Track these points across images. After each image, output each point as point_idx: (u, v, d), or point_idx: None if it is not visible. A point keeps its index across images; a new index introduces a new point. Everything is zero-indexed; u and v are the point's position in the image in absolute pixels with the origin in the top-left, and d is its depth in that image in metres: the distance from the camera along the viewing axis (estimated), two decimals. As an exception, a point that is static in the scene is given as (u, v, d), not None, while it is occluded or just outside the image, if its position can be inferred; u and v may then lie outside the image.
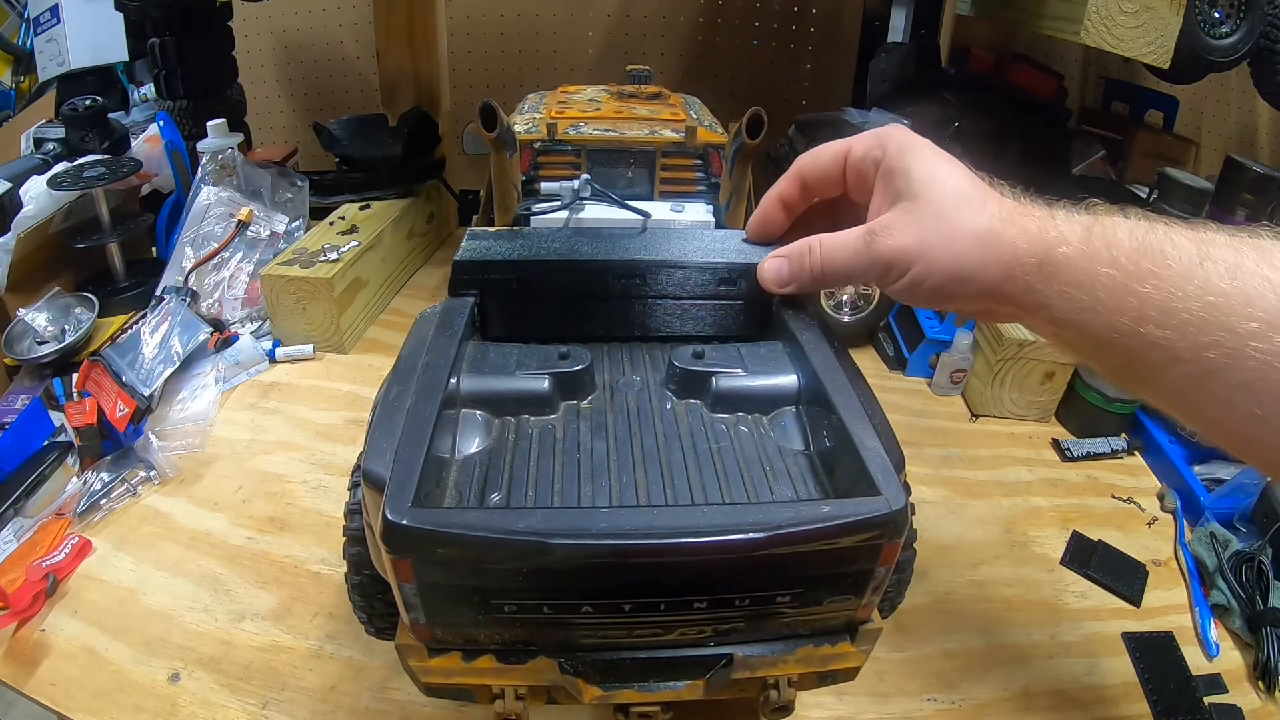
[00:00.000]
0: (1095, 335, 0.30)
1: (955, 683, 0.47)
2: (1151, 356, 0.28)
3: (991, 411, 0.72)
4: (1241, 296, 0.26)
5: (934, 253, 0.34)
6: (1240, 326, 0.26)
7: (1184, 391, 0.28)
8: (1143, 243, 0.29)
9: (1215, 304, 0.26)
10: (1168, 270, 0.28)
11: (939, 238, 0.34)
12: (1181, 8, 0.66)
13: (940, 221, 0.34)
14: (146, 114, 1.00)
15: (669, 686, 0.33)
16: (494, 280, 0.42)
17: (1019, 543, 0.58)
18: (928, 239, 0.34)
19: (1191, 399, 0.28)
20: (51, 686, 0.44)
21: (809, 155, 0.40)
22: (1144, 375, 0.30)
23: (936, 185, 0.34)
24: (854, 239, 0.36)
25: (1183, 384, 0.28)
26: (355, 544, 0.38)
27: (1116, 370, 0.32)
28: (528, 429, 0.36)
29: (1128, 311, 0.28)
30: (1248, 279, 0.26)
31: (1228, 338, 0.26)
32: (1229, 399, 0.27)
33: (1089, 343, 0.31)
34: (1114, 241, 0.30)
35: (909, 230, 0.34)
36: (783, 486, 0.34)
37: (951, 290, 0.34)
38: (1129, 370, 0.30)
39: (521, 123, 0.59)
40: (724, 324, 0.44)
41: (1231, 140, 1.18)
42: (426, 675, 0.32)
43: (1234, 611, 0.52)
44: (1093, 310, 0.30)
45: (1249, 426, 0.26)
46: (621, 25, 1.17)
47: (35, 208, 0.72)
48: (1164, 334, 0.28)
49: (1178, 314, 0.27)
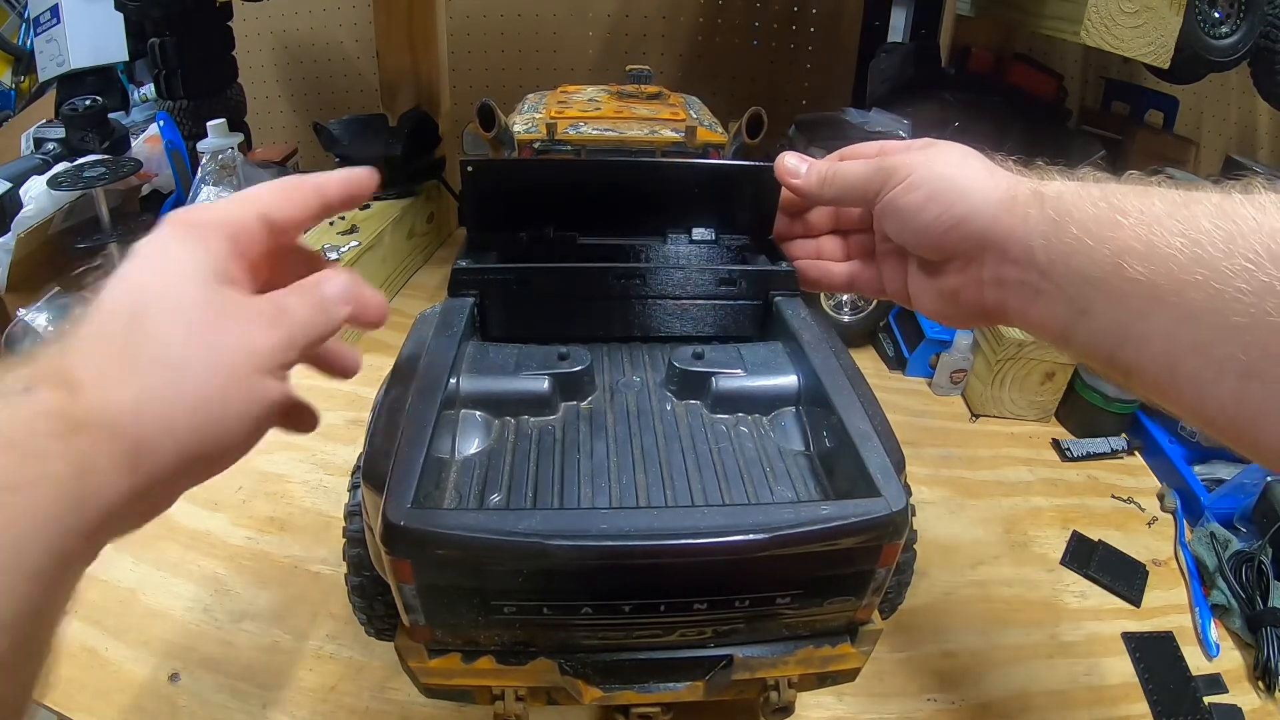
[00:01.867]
0: (1081, 274, 0.29)
1: (955, 683, 0.47)
2: (1135, 297, 0.27)
3: (991, 411, 0.72)
4: (1225, 235, 0.25)
5: (934, 165, 0.35)
6: (1225, 264, 0.24)
7: (1169, 347, 0.26)
8: (1131, 187, 0.29)
9: (1198, 240, 0.25)
10: (1152, 208, 0.27)
11: (942, 161, 0.36)
12: (1181, 8, 0.66)
13: (948, 153, 0.36)
14: (146, 114, 1.00)
15: (669, 688, 0.33)
16: (494, 280, 0.42)
17: (1019, 543, 0.58)
18: (933, 158, 0.36)
19: (1179, 357, 0.26)
20: (51, 687, 0.44)
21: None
22: (1130, 329, 0.28)
23: (947, 145, 0.37)
24: (867, 151, 0.39)
25: (1167, 335, 0.26)
26: (355, 545, 0.38)
27: (1099, 330, 0.30)
28: (527, 430, 0.36)
29: (1110, 244, 0.28)
30: (1235, 219, 0.25)
31: (1211, 276, 0.25)
32: (1216, 354, 0.25)
33: (1075, 285, 0.30)
34: (1105, 188, 0.30)
35: (918, 154, 0.36)
36: (783, 487, 0.34)
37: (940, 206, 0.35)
38: (1114, 327, 0.29)
39: (521, 123, 0.59)
40: (724, 324, 0.44)
41: (1231, 140, 1.17)
42: (426, 676, 0.32)
43: (1234, 611, 0.52)
44: (1079, 240, 0.29)
45: (1246, 392, 0.24)
46: (621, 25, 1.17)
47: (35, 208, 0.73)
48: (1145, 270, 0.27)
49: (1158, 249, 0.26)
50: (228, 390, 0.24)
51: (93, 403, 0.22)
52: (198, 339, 0.24)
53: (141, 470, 0.22)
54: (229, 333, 0.25)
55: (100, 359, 0.23)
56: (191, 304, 0.24)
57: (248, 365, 0.25)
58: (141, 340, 0.23)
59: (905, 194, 0.36)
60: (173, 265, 0.25)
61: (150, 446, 0.23)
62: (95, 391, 0.22)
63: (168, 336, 0.24)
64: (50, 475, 0.20)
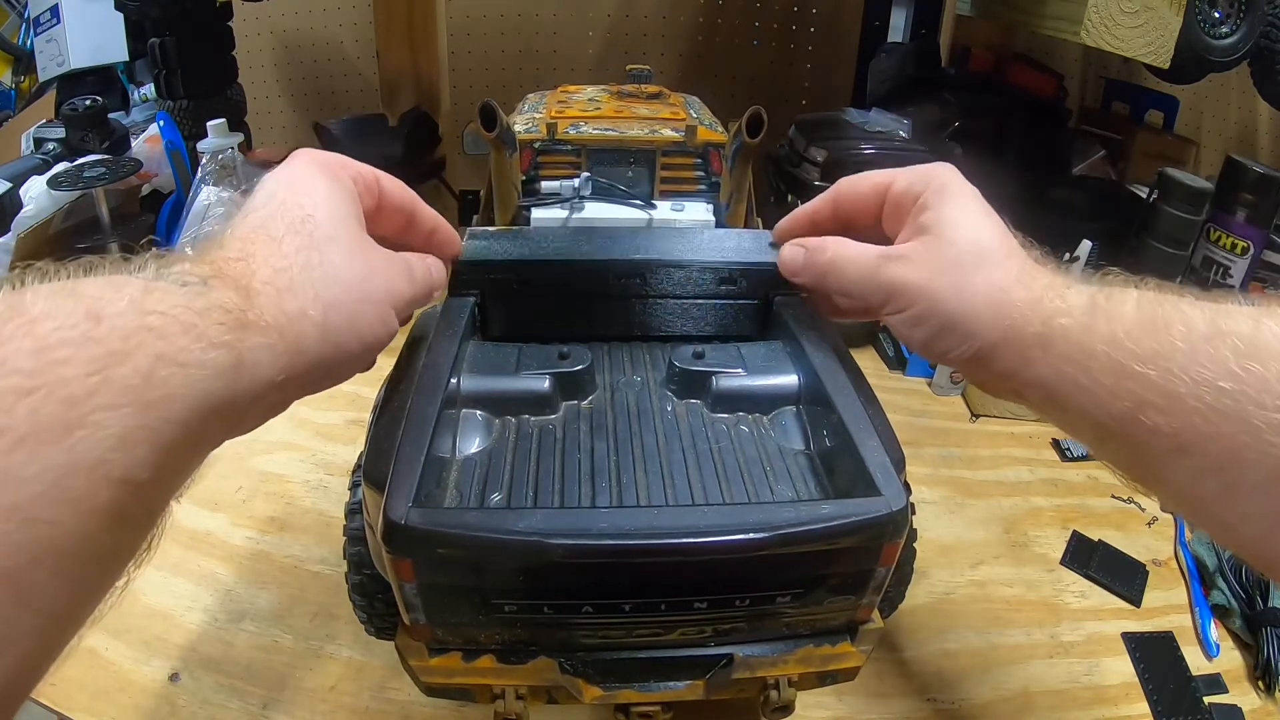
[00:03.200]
0: (1094, 419, 0.27)
1: (955, 683, 0.47)
2: (1155, 447, 0.25)
3: (991, 411, 0.72)
4: (1257, 381, 0.22)
5: (940, 297, 0.32)
6: (1256, 417, 0.22)
7: (1193, 491, 0.25)
8: (1148, 315, 0.26)
9: (1225, 390, 0.23)
10: (1173, 349, 0.24)
11: (949, 284, 0.32)
12: (1181, 8, 0.66)
13: (956, 268, 0.32)
14: (146, 114, 1.00)
15: (669, 686, 0.33)
16: (494, 280, 0.42)
17: (1019, 543, 0.58)
18: (937, 281, 0.32)
19: (1205, 500, 0.25)
20: (51, 686, 0.44)
21: (849, 181, 0.38)
22: (1149, 468, 0.26)
23: (963, 230, 0.33)
24: (866, 255, 0.35)
25: (1190, 480, 0.25)
26: (355, 544, 0.38)
27: (1121, 463, 0.28)
28: (528, 429, 0.36)
29: (1126, 395, 0.26)
30: (1267, 360, 0.22)
31: (1240, 429, 0.22)
32: (1244, 502, 0.23)
33: (1089, 428, 0.28)
34: (1118, 314, 0.27)
35: (922, 267, 0.33)
36: (783, 486, 0.34)
37: (947, 344, 0.32)
38: (1133, 463, 0.27)
39: (521, 122, 0.59)
40: (724, 324, 0.44)
41: (1231, 140, 1.18)
42: (427, 675, 0.32)
43: (1234, 611, 0.52)
44: (1090, 392, 0.27)
45: (1272, 538, 0.23)
46: (621, 25, 1.17)
47: (35, 208, 0.72)
48: (1166, 421, 0.24)
49: (1182, 400, 0.24)
50: (370, 315, 0.29)
51: (264, 307, 0.25)
52: (358, 268, 0.29)
53: (288, 371, 0.26)
54: (379, 271, 0.31)
55: (272, 271, 0.26)
56: (351, 237, 0.30)
57: (387, 301, 0.30)
58: (312, 261, 0.27)
59: (910, 326, 0.34)
60: (327, 199, 0.30)
61: (300, 351, 0.26)
62: (266, 298, 0.25)
63: (333, 261, 0.28)
64: (215, 361, 0.22)
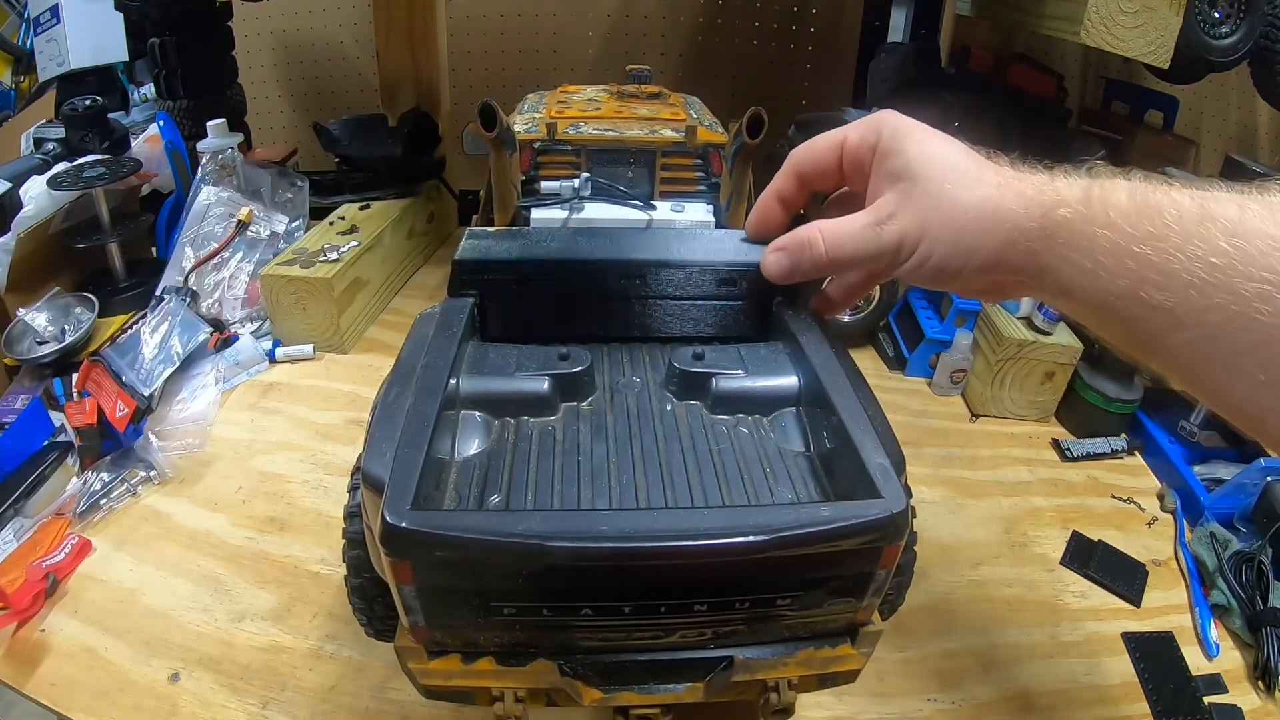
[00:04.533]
0: (1097, 300, 0.29)
1: (955, 683, 0.47)
2: (1153, 321, 0.27)
3: (991, 411, 0.72)
4: (1244, 256, 0.24)
5: (935, 230, 0.34)
6: (1243, 288, 0.24)
7: (1189, 359, 0.27)
8: (1142, 202, 0.28)
9: (1216, 265, 0.25)
10: (1166, 230, 0.27)
11: (939, 215, 0.34)
12: (1181, 8, 0.66)
13: (939, 199, 0.34)
14: (146, 114, 1.00)
15: (669, 689, 0.33)
16: (494, 280, 0.42)
17: (1019, 543, 0.58)
18: (929, 217, 0.34)
19: (1197, 367, 0.27)
20: (51, 686, 0.44)
21: (803, 148, 0.40)
22: (1148, 342, 0.29)
23: (932, 162, 0.34)
24: (858, 226, 0.36)
25: (1187, 351, 0.27)
26: (355, 547, 0.38)
27: (1122, 338, 0.31)
28: (527, 430, 0.36)
29: (1127, 274, 0.28)
30: (1251, 237, 0.25)
31: (1230, 300, 0.25)
32: (1235, 366, 0.25)
33: (1092, 308, 0.30)
34: (1113, 202, 0.29)
35: (910, 211, 0.35)
36: (783, 488, 0.34)
37: (956, 266, 0.34)
38: (1134, 337, 0.29)
39: (521, 122, 0.59)
40: (724, 325, 0.44)
41: (1231, 140, 1.17)
42: (426, 677, 0.32)
43: (1234, 611, 0.52)
44: (1093, 274, 0.29)
45: (1259, 396, 0.25)
46: (621, 25, 1.17)
47: (35, 208, 0.72)
48: (1164, 297, 0.27)
49: (1177, 275, 0.26)
50: None
51: None
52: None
53: None
54: None
55: None
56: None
57: None
58: None
59: (915, 269, 0.35)
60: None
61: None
62: None
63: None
64: None
